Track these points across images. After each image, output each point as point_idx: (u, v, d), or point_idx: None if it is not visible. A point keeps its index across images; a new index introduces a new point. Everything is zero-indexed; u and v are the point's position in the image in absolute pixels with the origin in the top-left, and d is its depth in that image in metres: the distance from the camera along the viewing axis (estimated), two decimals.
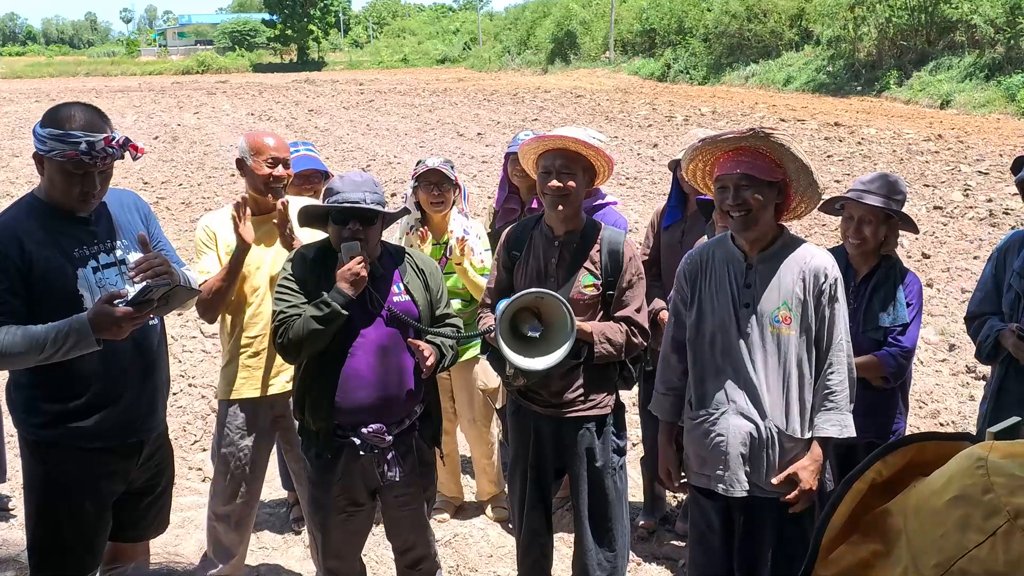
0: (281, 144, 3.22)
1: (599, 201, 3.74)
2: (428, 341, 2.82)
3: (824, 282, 2.54)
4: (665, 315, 3.53)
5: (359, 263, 2.67)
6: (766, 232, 2.58)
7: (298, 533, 3.99)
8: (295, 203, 3.26)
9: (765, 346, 2.57)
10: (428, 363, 2.73)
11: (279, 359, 3.14)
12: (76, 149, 2.35)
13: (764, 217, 2.53)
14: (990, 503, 0.74)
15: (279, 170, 3.17)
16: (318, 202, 3.15)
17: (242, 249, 3.05)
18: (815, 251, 2.61)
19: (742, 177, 2.46)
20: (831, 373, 2.58)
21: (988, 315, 2.91)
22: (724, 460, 2.63)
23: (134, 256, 2.61)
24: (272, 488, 4.30)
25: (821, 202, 2.56)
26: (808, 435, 2.58)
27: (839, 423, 2.57)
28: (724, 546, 2.75)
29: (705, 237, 3.30)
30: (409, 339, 2.80)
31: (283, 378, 3.22)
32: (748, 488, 2.61)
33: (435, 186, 3.74)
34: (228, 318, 3.25)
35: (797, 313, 2.54)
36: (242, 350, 3.20)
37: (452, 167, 3.80)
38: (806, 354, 2.56)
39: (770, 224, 2.58)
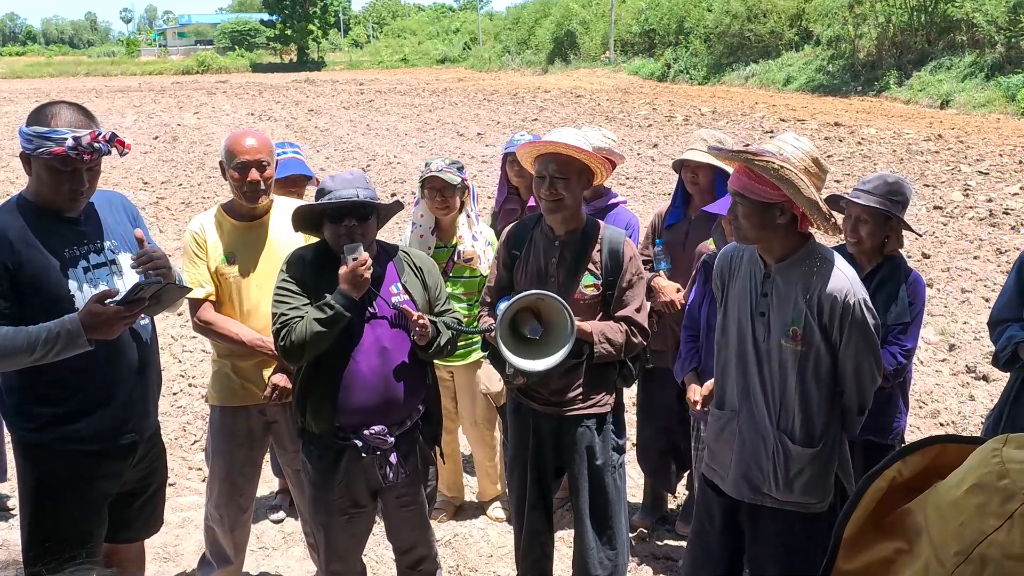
0: (257, 146, 3.02)
1: (611, 201, 3.72)
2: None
3: (836, 308, 2.40)
4: (657, 282, 3.55)
5: (362, 264, 2.66)
6: (776, 246, 2.50)
7: (276, 522, 4.07)
8: (283, 203, 3.26)
9: (776, 358, 2.51)
10: (421, 323, 2.70)
11: (269, 367, 3.13)
12: (63, 145, 2.35)
13: (760, 236, 2.46)
14: (1006, 488, 0.75)
15: (251, 174, 3.00)
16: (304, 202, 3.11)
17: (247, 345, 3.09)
18: (836, 271, 2.44)
19: (735, 193, 2.46)
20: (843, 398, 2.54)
21: (1010, 322, 2.88)
22: (731, 463, 2.62)
23: (124, 256, 2.60)
24: (272, 487, 4.30)
25: (833, 225, 2.48)
26: (816, 449, 2.50)
27: None
28: (721, 548, 2.72)
29: (711, 241, 3.30)
30: (403, 305, 2.77)
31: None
32: (752, 497, 2.58)
33: (438, 192, 3.66)
34: None
35: (808, 332, 2.45)
36: (231, 357, 3.16)
37: (461, 168, 3.72)
38: (812, 373, 2.48)
39: (777, 240, 2.48)
